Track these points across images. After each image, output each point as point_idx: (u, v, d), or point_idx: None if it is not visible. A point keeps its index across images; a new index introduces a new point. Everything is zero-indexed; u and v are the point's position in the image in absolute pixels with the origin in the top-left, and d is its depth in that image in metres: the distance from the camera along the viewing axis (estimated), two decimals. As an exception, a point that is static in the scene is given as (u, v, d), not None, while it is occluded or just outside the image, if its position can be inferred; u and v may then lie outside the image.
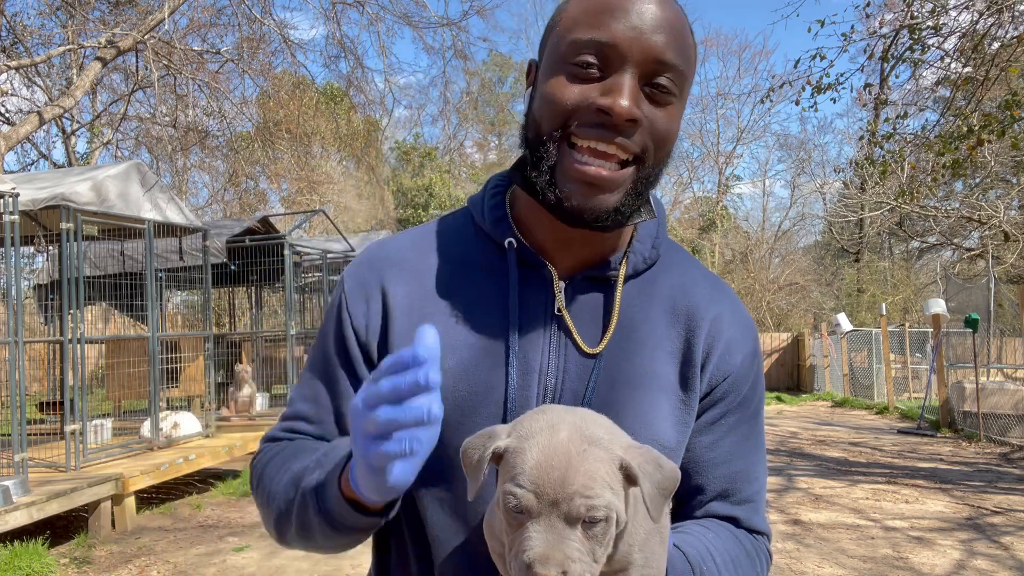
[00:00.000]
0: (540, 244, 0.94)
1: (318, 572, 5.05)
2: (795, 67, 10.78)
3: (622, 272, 0.94)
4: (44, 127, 14.30)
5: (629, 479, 0.69)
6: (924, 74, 12.41)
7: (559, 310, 0.92)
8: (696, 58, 0.89)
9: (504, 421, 0.86)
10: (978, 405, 10.30)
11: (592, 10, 0.83)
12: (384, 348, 0.95)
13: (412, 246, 1.00)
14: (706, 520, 0.95)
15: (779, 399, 17.64)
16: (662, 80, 0.83)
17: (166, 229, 7.39)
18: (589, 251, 0.94)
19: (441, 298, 0.94)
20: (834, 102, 10.10)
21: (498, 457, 0.70)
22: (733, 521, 0.95)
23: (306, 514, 0.85)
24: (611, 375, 0.90)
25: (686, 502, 0.96)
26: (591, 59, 0.82)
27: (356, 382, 0.96)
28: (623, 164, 0.84)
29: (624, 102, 0.80)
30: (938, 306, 12.22)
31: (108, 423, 7.43)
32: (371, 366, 0.96)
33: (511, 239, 0.93)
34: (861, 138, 9.92)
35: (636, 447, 0.71)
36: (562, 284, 0.93)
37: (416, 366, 0.65)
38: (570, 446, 0.67)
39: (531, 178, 0.88)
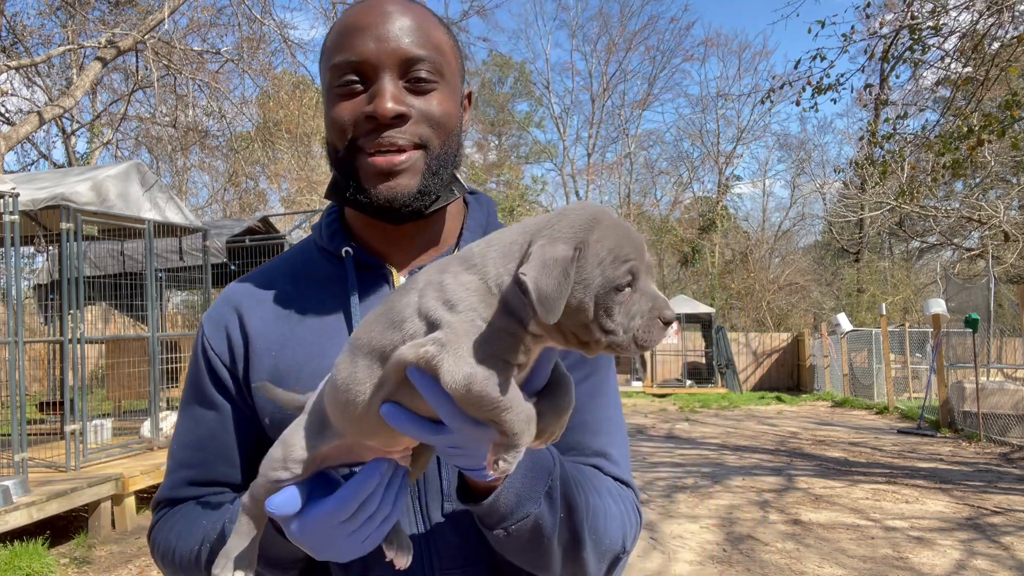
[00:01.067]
0: (376, 250, 1.04)
1: (318, 572, 5.05)
2: (795, 67, 10.76)
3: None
4: (44, 127, 14.30)
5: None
6: (924, 74, 12.42)
7: None
8: (453, 45, 0.98)
9: None
10: (978, 405, 10.30)
11: (341, 35, 0.93)
12: (247, 371, 1.01)
13: (260, 277, 1.08)
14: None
15: (779, 399, 17.64)
16: (419, 72, 0.92)
17: (166, 229, 7.39)
18: (421, 246, 1.03)
19: (293, 316, 1.01)
20: (834, 102, 10.11)
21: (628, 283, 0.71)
22: (597, 467, 1.01)
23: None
24: None
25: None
26: (351, 77, 0.92)
27: (235, 408, 1.02)
28: (415, 148, 0.94)
29: (387, 103, 0.90)
30: (938, 306, 12.23)
31: (108, 423, 7.43)
32: (240, 390, 1.02)
33: (347, 247, 1.02)
34: (861, 138, 9.92)
35: None
36: (402, 278, 1.01)
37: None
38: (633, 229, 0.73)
39: (345, 194, 0.97)
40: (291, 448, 0.79)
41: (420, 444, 0.80)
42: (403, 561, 0.85)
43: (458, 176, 1.02)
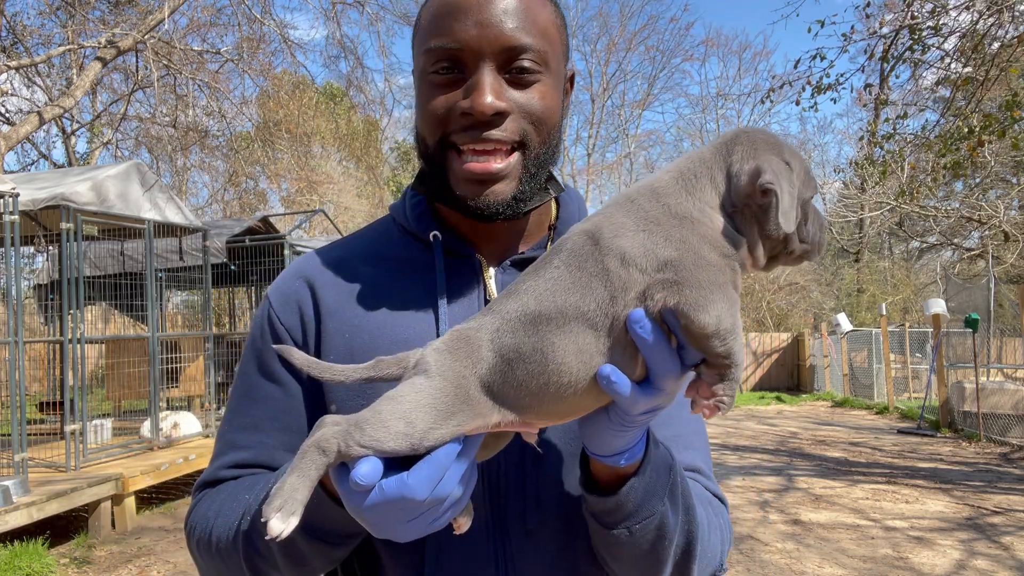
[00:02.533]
0: (466, 236, 0.96)
1: (318, 572, 5.05)
2: (795, 67, 10.79)
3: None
4: (44, 127, 14.31)
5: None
6: (924, 74, 12.41)
7: (489, 297, 0.92)
8: (560, 24, 0.90)
9: None
10: (978, 405, 10.30)
11: (437, 17, 0.85)
12: (318, 349, 0.93)
13: (336, 252, 1.01)
14: None
15: (779, 399, 17.64)
16: (523, 63, 0.84)
17: (166, 229, 7.39)
18: (514, 237, 0.96)
19: (370, 298, 0.94)
20: (834, 102, 10.11)
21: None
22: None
23: (280, 543, 0.80)
24: None
25: None
26: (446, 64, 0.85)
27: (303, 388, 0.94)
28: (509, 152, 0.87)
29: (485, 98, 0.82)
30: (938, 306, 12.22)
31: (108, 423, 7.43)
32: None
33: (436, 232, 0.94)
34: (861, 138, 9.92)
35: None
36: (492, 271, 0.94)
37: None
38: None
39: (433, 188, 0.92)
40: (420, 426, 0.68)
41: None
42: (465, 525, 0.78)
43: (554, 173, 0.96)
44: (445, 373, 0.71)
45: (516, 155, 0.87)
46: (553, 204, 1.01)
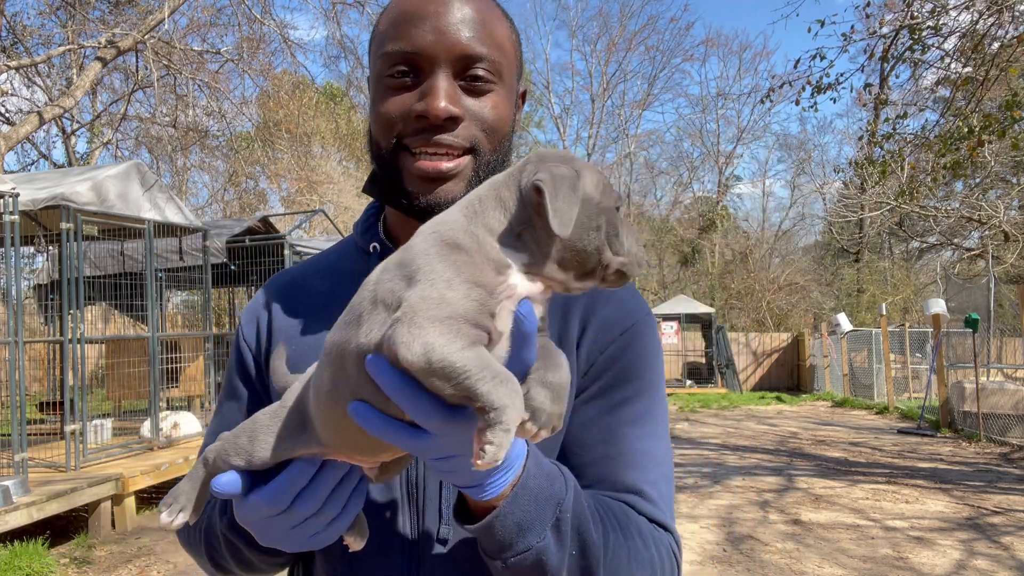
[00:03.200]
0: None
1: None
2: (795, 67, 10.78)
3: None
4: (44, 127, 14.31)
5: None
6: (924, 74, 12.42)
7: None
8: (515, 40, 0.93)
9: None
10: (978, 405, 10.30)
11: (396, 22, 0.87)
12: (267, 362, 1.00)
13: (297, 271, 1.08)
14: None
15: (779, 399, 17.64)
16: (477, 71, 0.86)
17: (166, 229, 7.39)
18: None
19: (320, 311, 0.98)
20: (834, 102, 10.10)
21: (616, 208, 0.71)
22: (629, 502, 0.90)
23: (224, 541, 0.90)
24: None
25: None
26: (403, 68, 0.87)
27: (256, 397, 1.02)
28: (461, 156, 0.89)
29: (440, 102, 0.84)
30: (938, 306, 12.23)
31: (108, 423, 7.43)
32: (262, 379, 1.02)
33: (375, 243, 0.99)
34: (861, 138, 9.92)
35: None
36: None
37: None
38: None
39: (384, 189, 0.94)
40: (258, 445, 0.74)
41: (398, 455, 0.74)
42: (357, 544, 0.81)
43: None
44: (290, 398, 0.77)
45: (468, 158, 0.89)
46: None
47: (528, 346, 0.64)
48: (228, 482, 0.74)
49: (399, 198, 0.91)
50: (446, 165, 0.87)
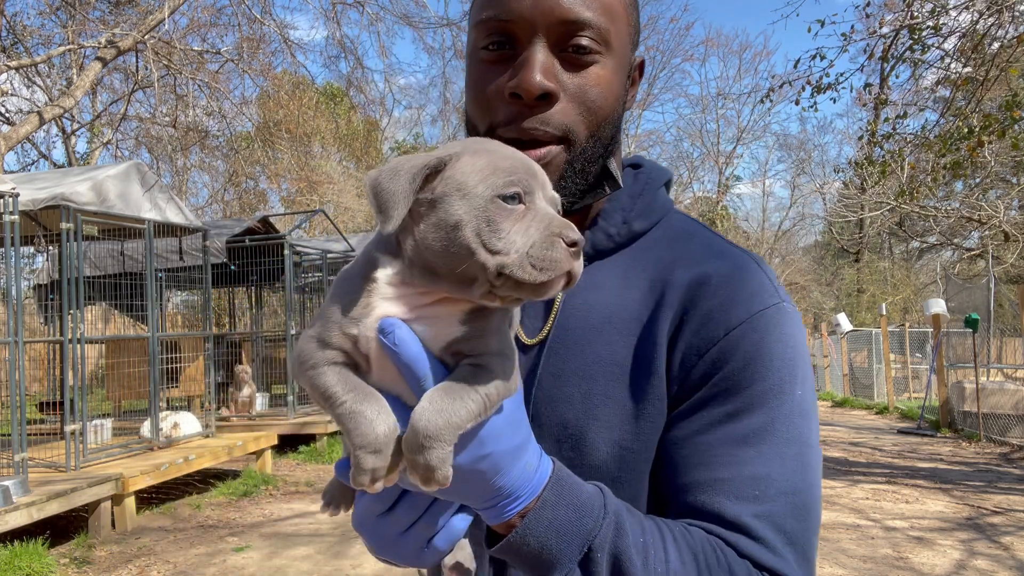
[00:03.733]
0: None
1: (319, 573, 5.05)
2: (795, 67, 10.77)
3: None
4: (44, 127, 14.30)
5: None
6: (924, 74, 12.42)
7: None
8: (629, 2, 0.82)
9: None
10: (978, 405, 10.30)
11: None
12: None
13: None
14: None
15: (779, 399, 17.62)
16: (580, 40, 0.76)
17: (166, 229, 7.39)
18: None
19: None
20: (834, 102, 10.11)
21: (434, 173, 0.61)
22: (733, 531, 0.73)
23: None
24: (558, 366, 0.81)
25: (672, 499, 0.78)
26: (499, 39, 0.78)
27: None
28: (556, 143, 0.79)
29: (533, 75, 0.75)
30: (938, 306, 12.23)
31: (108, 423, 7.43)
32: None
33: None
34: (861, 138, 9.92)
35: None
36: None
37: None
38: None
39: None
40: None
41: None
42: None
43: (612, 168, 0.84)
44: None
45: (558, 147, 0.79)
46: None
47: (402, 368, 0.60)
48: (345, 464, 0.67)
49: None
50: (534, 155, 0.77)
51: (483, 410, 0.60)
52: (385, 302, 0.61)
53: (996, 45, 8.43)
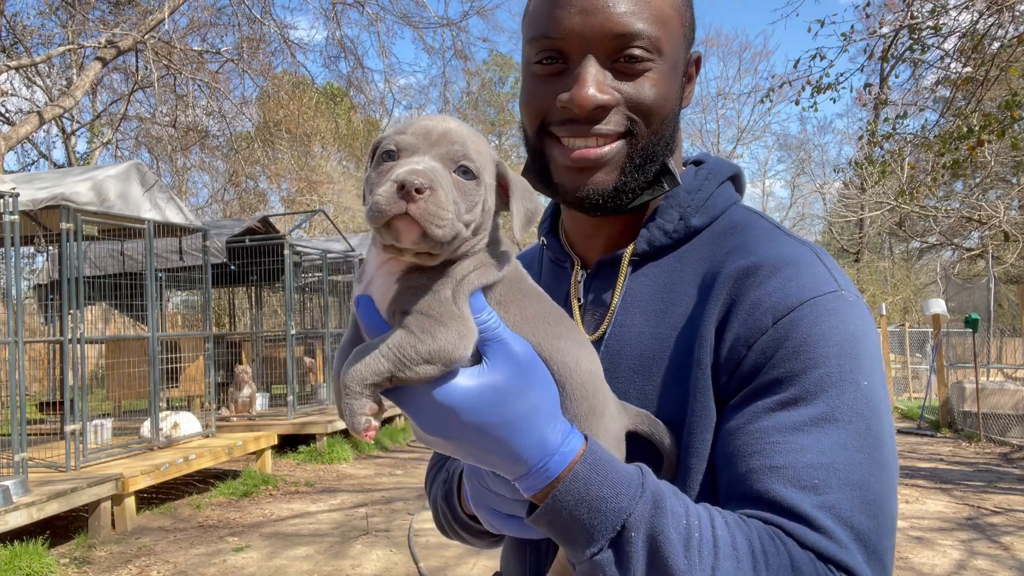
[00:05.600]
0: (571, 239, 0.95)
1: (320, 573, 5.05)
2: (795, 67, 10.77)
3: (627, 254, 0.88)
4: (44, 127, 14.31)
5: (503, 187, 0.73)
6: (924, 74, 12.42)
7: (570, 298, 0.92)
8: (680, 3, 0.83)
9: None
10: (978, 405, 10.29)
11: (542, 3, 0.81)
12: None
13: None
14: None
15: (779, 399, 17.62)
16: (633, 51, 0.78)
17: (166, 229, 7.39)
18: (610, 237, 0.91)
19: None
20: (834, 102, 10.11)
21: (384, 152, 0.70)
22: (793, 521, 0.69)
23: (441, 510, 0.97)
24: (615, 360, 0.84)
25: (729, 486, 0.75)
26: (551, 55, 0.81)
27: None
28: (617, 139, 0.82)
29: (587, 90, 0.78)
30: (938, 306, 12.22)
31: (108, 423, 7.43)
32: None
33: (543, 237, 0.98)
34: (861, 138, 9.92)
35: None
36: (581, 273, 0.92)
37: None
38: (458, 124, 0.70)
39: (536, 178, 0.88)
40: None
41: None
42: None
43: (670, 165, 0.86)
44: None
45: (619, 143, 0.81)
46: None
47: (366, 331, 0.69)
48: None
49: (551, 189, 0.86)
50: (594, 153, 0.80)
51: (395, 365, 0.63)
52: (374, 269, 0.69)
53: (996, 45, 8.42)
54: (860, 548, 0.68)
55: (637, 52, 0.78)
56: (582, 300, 0.90)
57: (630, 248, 0.87)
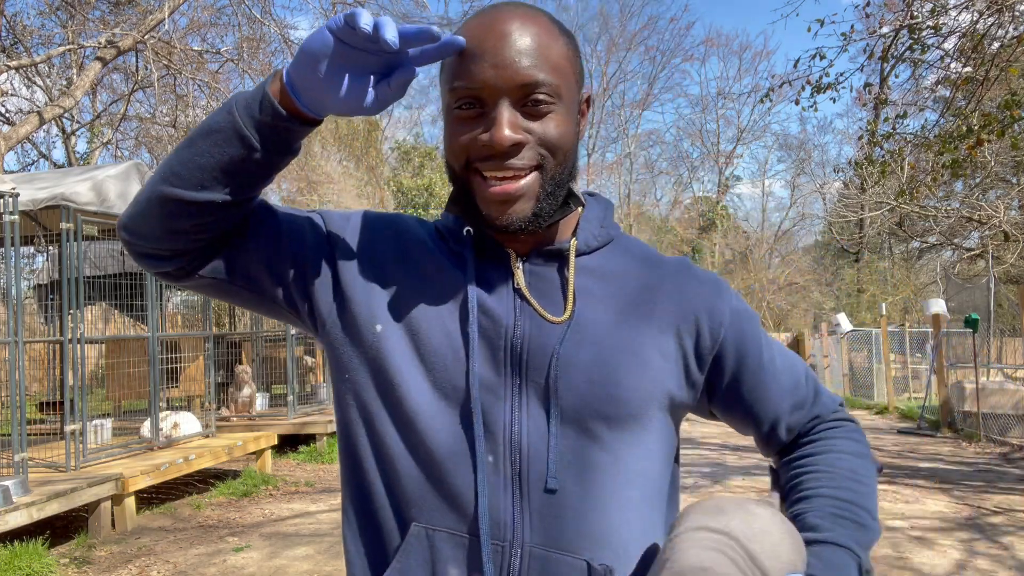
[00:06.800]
0: (493, 238, 1.05)
1: (320, 573, 5.05)
2: (795, 67, 10.77)
3: (572, 247, 1.03)
4: (44, 127, 14.30)
5: None
6: (924, 74, 12.42)
7: (518, 285, 1.02)
8: (572, 55, 0.98)
9: (467, 361, 0.96)
10: (978, 405, 10.30)
11: (460, 58, 0.94)
12: (337, 276, 1.04)
13: (401, 223, 1.13)
14: (804, 463, 1.06)
15: (779, 399, 17.60)
16: (537, 96, 0.93)
17: (166, 229, 7.37)
18: (538, 238, 1.04)
19: (409, 263, 1.05)
20: (834, 102, 10.10)
21: None
22: (814, 422, 1.11)
23: (213, 129, 0.91)
24: (578, 337, 0.98)
25: (774, 431, 1.10)
26: (469, 101, 0.94)
27: (295, 245, 1.05)
28: (527, 174, 0.95)
29: (503, 131, 0.91)
30: (938, 306, 12.22)
31: (108, 423, 7.43)
32: (300, 266, 1.04)
33: (468, 228, 1.05)
34: (860, 138, 9.92)
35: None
36: (519, 263, 1.03)
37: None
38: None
39: (463, 208, 1.01)
40: None
41: None
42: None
43: (573, 189, 1.03)
44: None
45: (534, 175, 0.95)
46: (578, 212, 1.09)
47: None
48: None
49: (477, 217, 0.99)
50: (513, 187, 0.94)
51: None
52: None
53: (996, 45, 8.42)
54: (827, 391, 1.15)
55: (541, 97, 0.93)
56: (525, 287, 1.02)
57: (573, 242, 1.03)
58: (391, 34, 0.82)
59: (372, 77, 0.89)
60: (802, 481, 1.03)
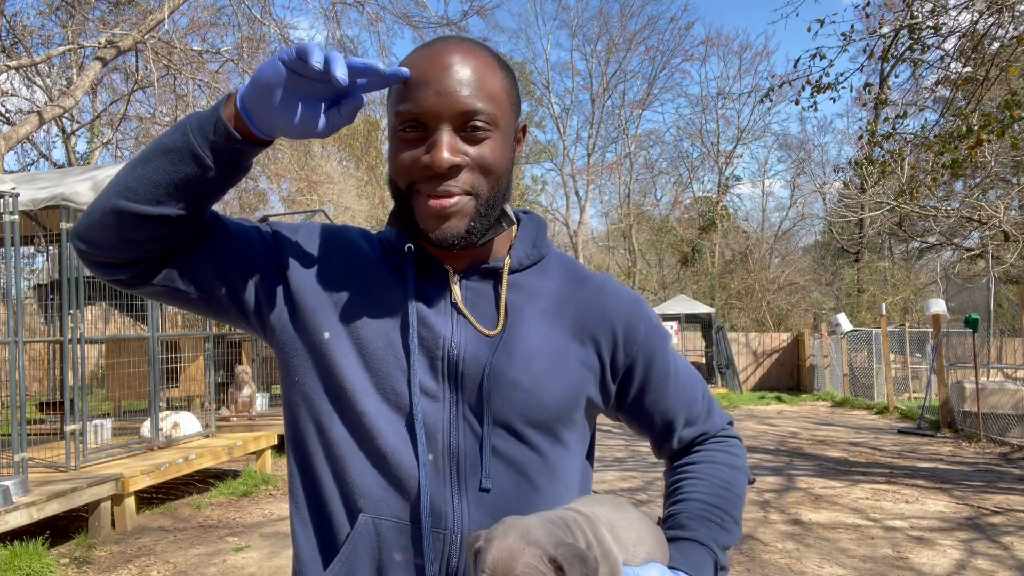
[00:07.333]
0: (433, 255, 1.11)
1: (318, 572, 5.04)
2: (795, 67, 10.76)
3: (506, 266, 1.11)
4: (44, 127, 14.30)
5: (559, 569, 0.87)
6: (924, 74, 12.41)
7: (455, 300, 1.09)
8: (509, 87, 1.06)
9: (409, 370, 1.03)
10: (978, 405, 10.30)
11: (408, 84, 1.01)
12: (288, 290, 1.09)
13: (344, 231, 1.19)
14: (685, 470, 1.19)
15: (779, 399, 17.63)
16: (475, 123, 1.00)
17: (166, 229, 7.37)
18: (475, 255, 1.12)
19: (355, 275, 1.11)
20: (834, 102, 10.10)
21: (475, 554, 0.89)
22: (703, 436, 1.22)
23: (167, 147, 0.96)
24: (509, 349, 1.07)
25: (667, 439, 1.22)
26: (413, 124, 1.01)
27: (244, 265, 1.09)
28: (465, 195, 1.03)
29: (443, 154, 0.98)
30: (938, 306, 12.23)
31: (108, 423, 7.43)
32: (249, 274, 1.09)
33: (410, 244, 1.11)
34: (860, 138, 9.92)
35: (566, 545, 0.87)
36: (456, 278, 1.11)
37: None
38: (513, 545, 0.86)
39: (404, 222, 1.08)
40: None
41: None
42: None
43: (507, 209, 1.12)
44: None
45: (468, 198, 1.02)
46: (515, 228, 1.18)
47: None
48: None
49: (416, 231, 1.06)
50: (448, 203, 1.01)
51: None
52: None
53: (996, 45, 8.42)
54: (718, 409, 1.25)
55: (479, 124, 1.00)
56: (461, 303, 1.09)
57: (507, 261, 1.11)
58: (340, 72, 0.86)
59: (323, 104, 0.94)
60: (681, 485, 1.16)
